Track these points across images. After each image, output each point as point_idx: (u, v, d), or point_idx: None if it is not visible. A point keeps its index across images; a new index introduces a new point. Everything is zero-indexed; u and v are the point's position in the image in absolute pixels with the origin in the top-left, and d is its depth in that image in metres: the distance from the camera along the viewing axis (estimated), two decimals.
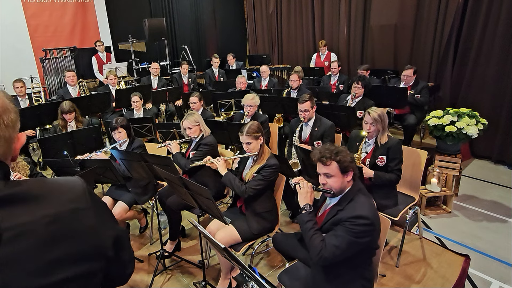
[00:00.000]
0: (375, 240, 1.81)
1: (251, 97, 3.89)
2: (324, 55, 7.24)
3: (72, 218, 0.87)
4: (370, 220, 1.70)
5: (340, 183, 1.83)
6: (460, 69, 5.25)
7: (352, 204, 1.80)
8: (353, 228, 1.71)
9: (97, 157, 3.00)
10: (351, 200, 1.82)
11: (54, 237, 0.82)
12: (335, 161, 1.80)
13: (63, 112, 4.06)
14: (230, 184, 2.57)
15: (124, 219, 3.15)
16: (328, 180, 1.85)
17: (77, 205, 0.89)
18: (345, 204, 1.82)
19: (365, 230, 1.71)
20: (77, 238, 0.86)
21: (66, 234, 0.85)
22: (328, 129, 3.43)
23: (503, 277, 2.71)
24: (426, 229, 3.35)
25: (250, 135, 2.49)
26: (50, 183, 0.93)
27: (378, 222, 1.79)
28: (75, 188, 0.92)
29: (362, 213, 1.71)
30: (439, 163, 3.81)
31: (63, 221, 0.85)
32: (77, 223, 0.87)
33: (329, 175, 1.83)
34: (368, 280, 1.89)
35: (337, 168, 1.81)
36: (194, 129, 3.04)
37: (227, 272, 2.56)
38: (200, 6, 9.24)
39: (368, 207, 1.76)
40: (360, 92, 4.28)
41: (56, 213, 0.84)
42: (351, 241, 1.71)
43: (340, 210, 1.82)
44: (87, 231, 0.89)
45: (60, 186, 0.91)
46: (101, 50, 7.08)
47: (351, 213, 1.74)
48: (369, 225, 1.71)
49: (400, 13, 6.07)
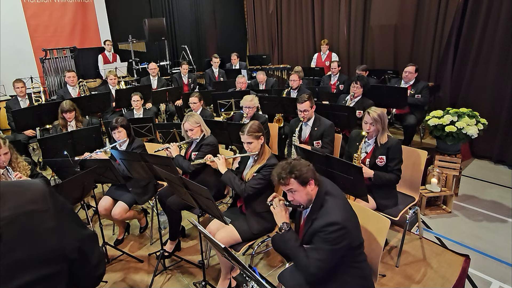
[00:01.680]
0: (354, 238, 1.83)
1: (250, 99, 3.89)
2: (326, 55, 7.24)
3: (29, 220, 0.86)
4: (341, 224, 1.73)
5: (305, 195, 1.87)
6: (460, 69, 5.25)
7: (323, 210, 1.84)
8: (327, 237, 1.74)
9: (97, 157, 3.00)
10: (321, 206, 1.86)
11: (12, 239, 0.82)
12: (292, 178, 1.83)
13: (63, 111, 4.06)
14: (229, 183, 2.57)
15: (124, 219, 3.15)
16: (293, 195, 1.89)
17: (35, 207, 0.88)
18: (317, 212, 1.86)
19: (339, 236, 1.73)
20: (35, 240, 0.86)
21: (24, 235, 0.84)
22: (328, 129, 3.42)
23: (503, 277, 2.71)
24: (426, 229, 3.35)
25: (251, 134, 2.50)
26: (10, 185, 0.92)
27: (351, 220, 1.82)
28: (35, 190, 0.91)
29: (332, 220, 1.75)
30: (439, 163, 3.81)
31: (20, 222, 0.84)
32: (34, 225, 0.87)
33: (293, 190, 1.87)
34: (364, 278, 1.90)
35: (296, 183, 1.84)
36: (196, 130, 3.04)
37: (227, 272, 2.56)
38: (200, 6, 9.24)
39: (336, 210, 1.80)
40: (359, 92, 4.28)
41: (13, 215, 0.83)
42: (331, 250, 1.75)
43: (314, 219, 1.86)
44: (45, 233, 0.88)
45: (20, 188, 0.91)
46: (108, 49, 7.19)
47: (322, 222, 1.78)
48: (341, 229, 1.73)
49: (400, 13, 6.07)
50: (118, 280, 2.83)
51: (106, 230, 3.40)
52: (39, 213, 0.88)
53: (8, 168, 2.56)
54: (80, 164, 2.76)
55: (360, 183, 2.41)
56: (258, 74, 5.93)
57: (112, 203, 3.08)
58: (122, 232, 3.38)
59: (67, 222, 0.95)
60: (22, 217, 0.85)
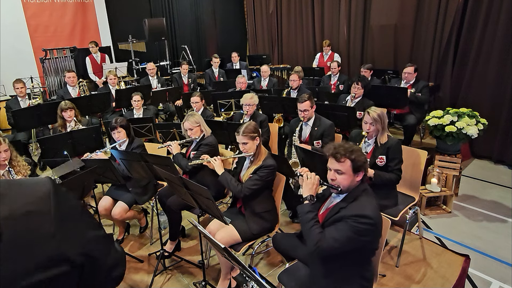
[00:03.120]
0: (375, 241, 1.81)
1: (250, 96, 3.90)
2: (328, 55, 7.23)
3: (26, 221, 0.80)
4: (374, 220, 1.70)
5: (349, 181, 1.81)
6: (460, 69, 5.24)
7: (356, 203, 1.79)
8: (356, 225, 1.70)
9: (97, 157, 3.00)
10: (355, 199, 1.81)
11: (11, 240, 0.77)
12: (349, 159, 1.79)
13: (62, 110, 4.04)
14: (226, 184, 2.57)
15: (124, 219, 3.15)
16: (338, 176, 1.82)
17: (33, 208, 0.82)
18: (349, 203, 1.81)
19: (367, 229, 1.70)
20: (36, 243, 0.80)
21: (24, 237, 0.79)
22: (328, 129, 3.43)
23: (503, 277, 2.71)
24: (426, 229, 3.35)
25: (246, 135, 2.50)
26: (13, 183, 0.86)
27: (380, 224, 1.80)
28: (37, 190, 0.85)
29: (367, 213, 1.71)
30: (439, 163, 3.81)
31: (16, 223, 0.78)
32: (34, 227, 0.80)
33: (340, 172, 1.81)
34: (367, 280, 1.89)
35: (350, 166, 1.79)
36: (195, 130, 3.04)
37: (227, 272, 2.56)
38: (200, 6, 9.24)
39: (372, 208, 1.76)
40: (360, 92, 4.28)
41: (10, 215, 0.78)
42: (352, 237, 1.71)
43: (343, 208, 1.81)
44: (44, 237, 0.81)
45: (22, 187, 0.85)
46: (93, 51, 6.87)
47: (355, 212, 1.74)
48: (372, 225, 1.70)
49: (400, 13, 6.06)
50: None
51: (106, 230, 3.37)
52: (37, 214, 0.82)
53: (10, 169, 2.56)
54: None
55: None
56: (263, 66, 6.07)
57: (112, 203, 3.08)
58: (122, 232, 3.38)
59: (71, 225, 0.88)
60: (22, 217, 0.80)
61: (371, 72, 5.65)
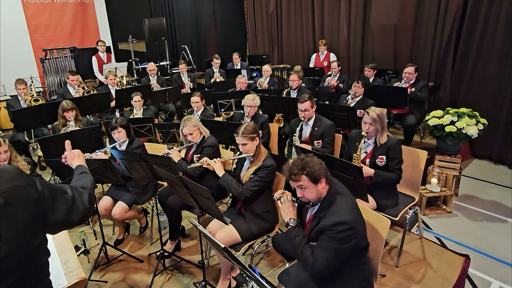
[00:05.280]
0: (361, 239, 1.82)
1: (252, 98, 3.89)
2: (324, 55, 7.23)
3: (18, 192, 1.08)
4: (350, 224, 1.72)
5: (315, 192, 1.85)
6: (460, 69, 5.24)
7: (332, 208, 1.82)
8: (335, 236, 1.73)
9: (97, 157, 3.00)
10: (330, 204, 1.84)
11: (9, 206, 1.05)
12: (304, 174, 1.81)
13: (64, 110, 4.05)
14: (227, 186, 2.57)
15: (124, 219, 3.15)
16: (303, 192, 1.87)
17: (16, 184, 1.09)
18: (326, 210, 1.84)
19: (347, 235, 1.72)
20: (27, 207, 1.10)
21: (18, 204, 1.08)
22: (328, 129, 3.43)
23: (503, 277, 2.71)
24: (426, 229, 3.35)
25: (245, 136, 2.49)
26: None
27: (359, 221, 1.82)
28: (9, 171, 1.11)
29: (341, 219, 1.73)
30: (439, 163, 3.81)
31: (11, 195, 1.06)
32: (23, 196, 1.10)
33: (303, 187, 1.85)
34: (366, 279, 1.89)
35: (308, 180, 1.82)
36: (195, 133, 3.02)
37: (227, 272, 2.56)
38: (200, 6, 9.25)
39: (346, 209, 1.78)
40: (360, 91, 4.29)
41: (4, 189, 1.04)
42: (338, 248, 1.74)
43: (321, 217, 1.84)
44: (31, 202, 1.12)
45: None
46: (102, 50, 7.06)
47: (331, 220, 1.76)
48: (350, 229, 1.72)
49: (400, 13, 6.06)
50: (118, 280, 2.83)
51: (106, 230, 3.40)
52: (21, 187, 1.10)
53: None
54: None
55: (360, 183, 2.40)
56: (264, 66, 6.11)
57: (112, 203, 3.08)
58: (122, 232, 3.38)
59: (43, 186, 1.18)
60: (11, 190, 1.06)
61: (375, 71, 5.65)
